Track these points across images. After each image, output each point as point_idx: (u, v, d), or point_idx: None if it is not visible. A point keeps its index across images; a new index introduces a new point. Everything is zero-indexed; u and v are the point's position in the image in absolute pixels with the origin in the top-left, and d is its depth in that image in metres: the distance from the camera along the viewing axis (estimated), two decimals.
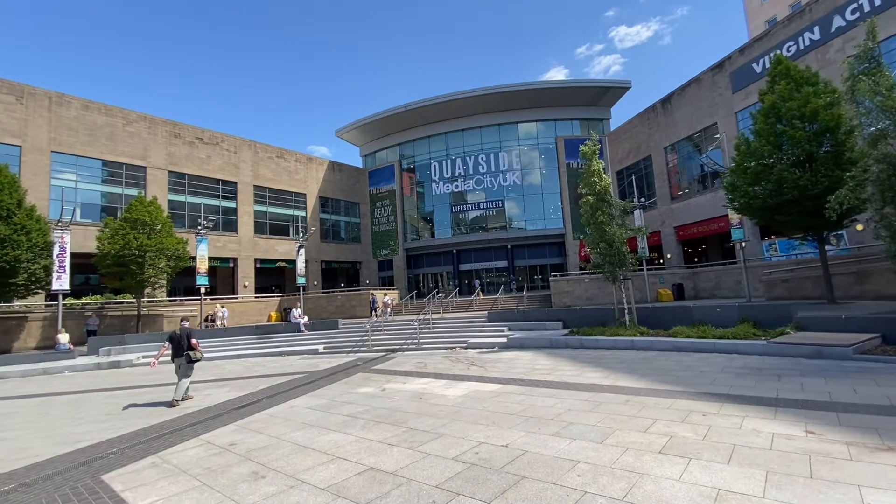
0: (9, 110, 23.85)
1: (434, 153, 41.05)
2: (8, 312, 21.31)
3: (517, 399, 7.50)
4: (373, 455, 5.11)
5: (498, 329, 17.24)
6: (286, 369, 13.63)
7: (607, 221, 14.21)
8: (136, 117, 28.63)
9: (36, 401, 10.72)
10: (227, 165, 32.71)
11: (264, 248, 34.00)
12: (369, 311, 26.90)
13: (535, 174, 38.30)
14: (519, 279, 37.02)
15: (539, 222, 37.63)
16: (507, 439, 5.38)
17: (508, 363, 11.55)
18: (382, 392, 8.90)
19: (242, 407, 8.32)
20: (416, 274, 41.65)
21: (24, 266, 18.59)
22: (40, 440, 6.91)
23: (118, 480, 4.84)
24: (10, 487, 4.88)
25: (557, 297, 24.98)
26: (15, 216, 18.62)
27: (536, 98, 37.72)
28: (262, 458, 5.28)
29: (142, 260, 21.78)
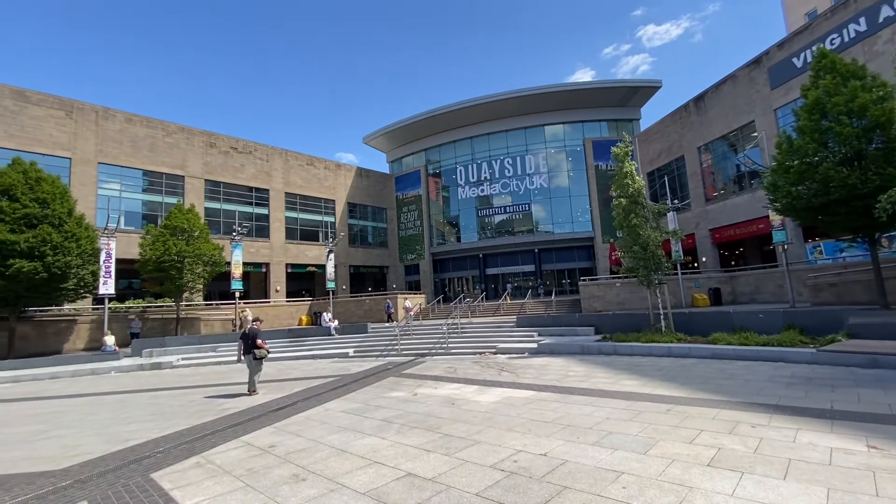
0: (60, 125, 25.35)
1: (460, 157, 41.15)
2: (59, 315, 22.56)
3: (552, 406, 7.36)
4: (410, 460, 5.11)
5: (527, 334, 17.03)
6: (318, 372, 13.84)
7: (641, 224, 13.84)
8: (175, 129, 29.91)
9: (85, 400, 11.26)
10: (260, 174, 33.72)
11: (295, 254, 34.82)
12: (386, 317, 26.93)
13: (563, 176, 37.83)
14: (546, 283, 36.55)
15: (567, 225, 37.10)
16: (546, 448, 5.28)
17: (540, 369, 11.37)
18: (414, 397, 8.91)
19: (279, 409, 8.49)
20: (442, 278, 41.74)
21: (74, 271, 19.65)
22: (91, 438, 7.23)
23: (166, 479, 5.01)
24: (67, 483, 5.12)
25: (587, 302, 24.49)
26: (66, 224, 19.73)
27: (563, 100, 37.32)
28: (302, 460, 5.36)
29: (180, 265, 22.66)
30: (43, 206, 19.28)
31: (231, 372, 15.31)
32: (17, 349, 20.07)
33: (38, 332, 21.77)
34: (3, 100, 23.79)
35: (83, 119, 26.22)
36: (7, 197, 18.72)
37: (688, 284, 23.83)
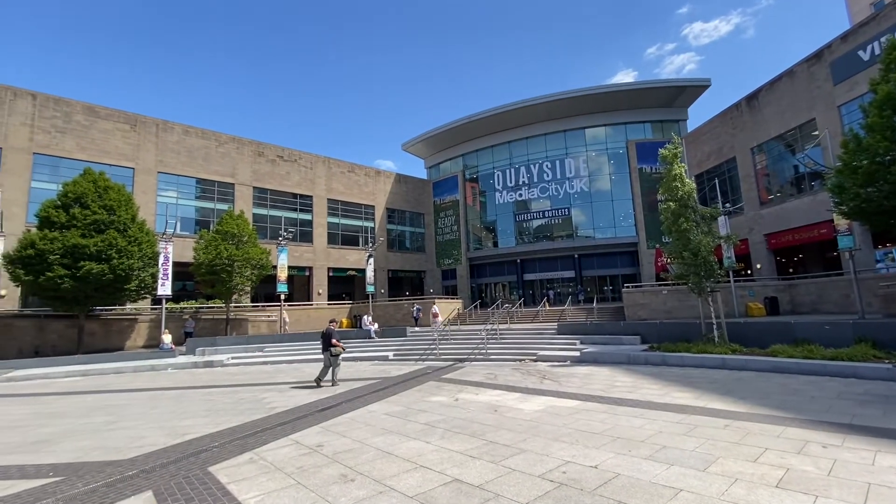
0: (125, 137, 27.35)
1: (497, 162, 41.00)
2: (122, 314, 24.21)
3: (599, 417, 7.13)
4: (456, 466, 5.08)
5: (569, 342, 16.63)
6: (360, 374, 14.09)
7: (691, 229, 13.23)
8: (227, 139, 31.55)
9: (146, 394, 11.98)
10: (304, 181, 34.96)
11: (336, 258, 35.77)
12: (413, 321, 26.93)
13: (604, 180, 36.86)
14: (587, 290, 35.61)
15: (609, 230, 36.07)
16: (596, 459, 5.10)
17: (584, 378, 11.06)
18: (456, 402, 8.88)
19: (325, 409, 8.70)
20: (478, 283, 41.58)
21: (136, 273, 21.05)
22: (153, 431, 7.67)
23: (223, 473, 5.22)
24: (133, 473, 5.44)
25: (631, 310, 23.65)
26: (130, 229, 21.19)
27: (605, 102, 36.43)
28: (349, 461, 5.45)
29: (231, 268, 23.79)
30: (110, 213, 20.81)
31: (277, 372, 15.86)
32: (85, 345, 21.70)
33: (104, 329, 23.44)
34: (75, 115, 25.95)
35: (145, 132, 28.16)
36: (79, 204, 20.35)
37: (741, 293, 22.52)
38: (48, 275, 18.76)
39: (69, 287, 19.09)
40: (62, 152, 25.18)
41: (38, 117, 24.71)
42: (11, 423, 8.71)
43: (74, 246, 19.20)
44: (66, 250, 19.07)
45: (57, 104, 25.48)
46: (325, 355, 12.00)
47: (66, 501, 4.59)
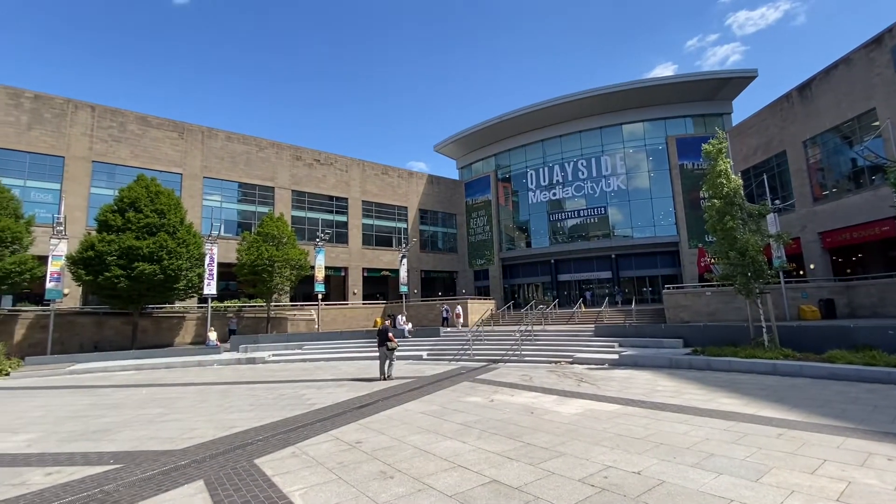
0: (174, 145, 28.88)
1: (530, 161, 40.52)
2: (172, 312, 25.56)
3: (641, 422, 6.91)
4: (493, 467, 5.06)
5: (606, 344, 16.21)
6: (395, 373, 14.24)
7: (738, 227, 12.61)
8: (267, 144, 32.74)
9: (195, 389, 12.59)
10: (340, 183, 35.79)
11: (370, 258, 36.40)
12: (441, 321, 26.78)
13: (643, 177, 35.71)
14: (625, 291, 34.60)
15: (647, 229, 34.90)
16: (639, 465, 4.95)
17: (623, 382, 10.75)
18: (491, 403, 8.85)
19: (362, 407, 8.87)
20: (511, 284, 41.23)
21: (185, 273, 22.17)
22: (203, 423, 8.06)
23: (268, 466, 5.42)
24: (186, 463, 5.74)
25: (672, 312, 22.79)
26: (178, 232, 22.36)
27: (643, 97, 35.29)
28: (388, 458, 5.53)
29: (271, 269, 24.67)
30: (161, 216, 22.04)
31: (316, 369, 16.29)
32: (139, 341, 23.07)
33: (155, 326, 24.83)
34: (129, 125, 27.65)
35: (192, 139, 29.63)
36: (133, 208, 21.66)
37: (793, 294, 21.26)
38: (106, 275, 20.07)
39: (125, 286, 20.35)
40: (118, 160, 26.88)
41: (96, 127, 26.49)
42: (75, 413, 9.37)
43: (129, 248, 20.44)
44: (121, 252, 20.34)
45: (113, 115, 27.23)
46: (382, 350, 12.84)
47: (126, 487, 4.89)
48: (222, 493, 4.60)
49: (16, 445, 6.87)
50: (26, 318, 21.88)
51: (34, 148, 24.52)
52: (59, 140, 25.24)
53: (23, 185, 23.84)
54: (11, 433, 7.71)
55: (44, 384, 14.50)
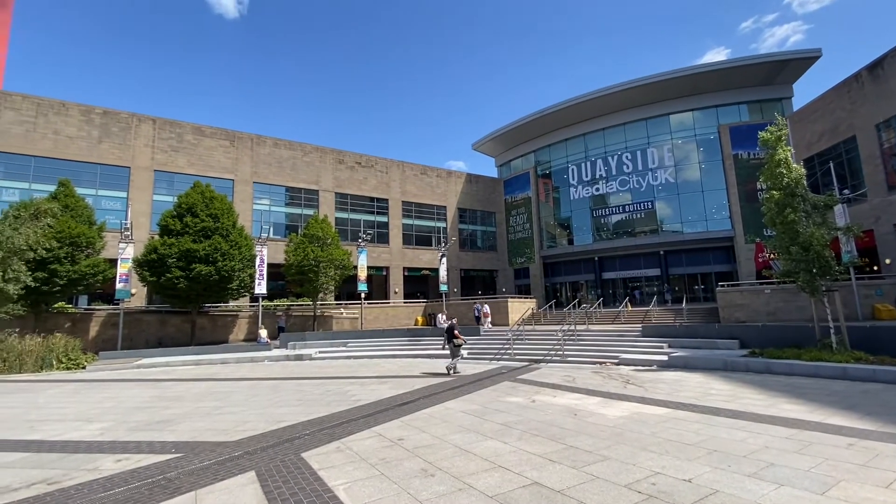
0: (226, 152, 30.50)
1: (572, 156, 39.52)
2: (226, 311, 27.03)
3: (692, 427, 6.58)
4: (535, 469, 4.98)
5: (655, 345, 15.56)
6: (436, 371, 14.36)
7: (800, 220, 11.71)
8: (311, 149, 33.90)
9: (247, 383, 13.26)
10: (380, 185, 36.49)
11: (410, 258, 36.87)
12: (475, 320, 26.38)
13: (693, 169, 33.92)
14: (675, 289, 33.03)
15: (699, 224, 33.12)
16: (689, 473, 4.71)
17: (673, 384, 10.28)
18: (532, 404, 8.72)
19: (403, 404, 9.00)
20: (553, 282, 40.42)
21: (237, 274, 23.37)
22: (254, 416, 8.47)
23: (314, 459, 5.61)
24: (239, 454, 6.05)
25: (727, 311, 21.52)
26: (231, 235, 23.59)
27: (692, 84, 33.50)
28: (429, 456, 5.57)
29: (317, 269, 25.53)
30: (215, 220, 23.34)
31: (359, 367, 16.69)
32: (197, 338, 24.58)
33: (212, 324, 26.36)
34: (186, 135, 29.47)
35: (242, 146, 31.18)
36: (190, 213, 23.07)
37: (866, 292, 19.47)
38: (167, 276, 21.52)
39: (184, 286, 21.73)
40: (176, 168, 28.73)
41: (157, 139, 28.44)
42: (141, 405, 10.11)
43: (187, 250, 21.80)
44: (181, 254, 21.73)
45: (171, 126, 29.13)
46: (449, 346, 13.87)
47: (186, 475, 5.22)
48: (272, 484, 4.81)
49: (90, 433, 7.50)
50: (99, 316, 23.85)
51: (104, 160, 26.67)
52: (125, 152, 27.31)
53: (95, 195, 25.99)
54: (87, 422, 8.43)
55: (115, 377, 15.76)
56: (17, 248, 17.39)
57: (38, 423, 8.47)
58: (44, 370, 17.51)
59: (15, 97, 25.13)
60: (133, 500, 4.52)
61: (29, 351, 17.60)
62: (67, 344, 18.85)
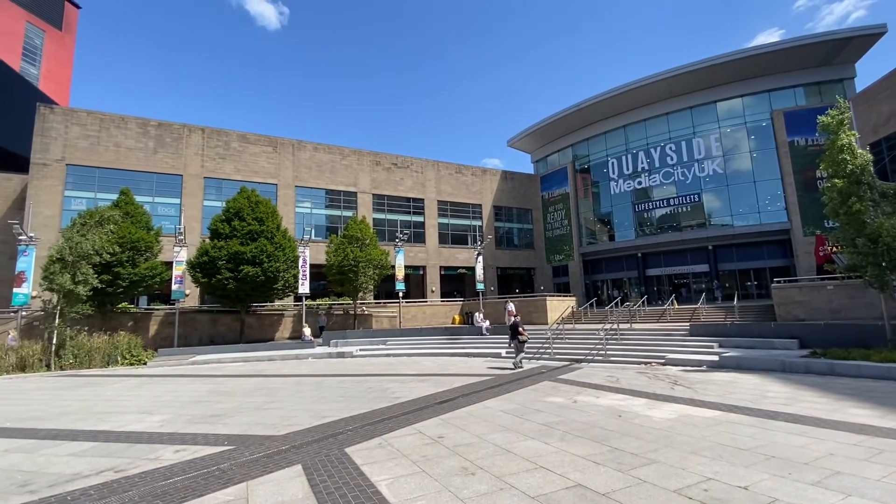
0: (269, 158, 31.75)
1: (611, 149, 38.31)
2: (272, 310, 28.16)
3: (747, 431, 6.22)
4: (578, 471, 4.87)
5: (704, 344, 14.83)
6: (473, 370, 14.35)
7: (867, 210, 10.81)
8: (349, 152, 34.70)
9: (292, 380, 13.74)
10: (416, 185, 36.84)
11: (447, 257, 37.00)
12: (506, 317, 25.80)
13: (743, 159, 32.05)
14: (725, 286, 31.35)
15: (751, 216, 31.26)
16: (745, 479, 4.46)
17: (725, 386, 9.76)
18: (574, 404, 8.53)
19: (443, 402, 9.04)
20: (593, 280, 39.38)
21: (282, 275, 24.28)
22: (299, 412, 8.76)
23: (357, 455, 5.74)
24: (286, 448, 6.27)
25: (784, 309, 20.21)
26: (275, 237, 24.54)
27: (742, 69, 31.62)
28: (469, 454, 5.57)
29: (356, 269, 26.12)
30: (260, 224, 24.36)
31: (399, 364, 16.93)
32: (245, 336, 25.76)
33: (259, 322, 27.54)
34: (232, 143, 30.90)
35: (284, 151, 32.35)
36: (237, 217, 24.19)
37: None
38: (218, 277, 22.67)
39: (233, 287, 22.83)
40: (223, 175, 30.20)
41: (205, 147, 30.01)
42: (196, 399, 10.70)
43: (235, 252, 22.88)
44: (229, 256, 22.84)
45: (219, 135, 30.64)
46: (514, 343, 14.59)
47: (237, 467, 5.48)
48: (317, 478, 4.96)
49: (151, 425, 8.02)
50: (158, 315, 25.47)
51: (159, 169, 28.43)
52: (177, 160, 29.00)
53: (151, 201, 27.76)
54: (148, 414, 9.02)
55: (172, 373, 16.77)
56: (85, 253, 18.86)
57: (105, 414, 9.14)
58: (110, 365, 18.89)
59: (80, 113, 27.25)
60: (191, 488, 4.79)
61: (97, 348, 19.04)
62: (130, 341, 20.25)
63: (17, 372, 17.35)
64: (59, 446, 6.77)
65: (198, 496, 4.56)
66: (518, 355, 14.53)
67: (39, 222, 24.54)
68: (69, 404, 10.50)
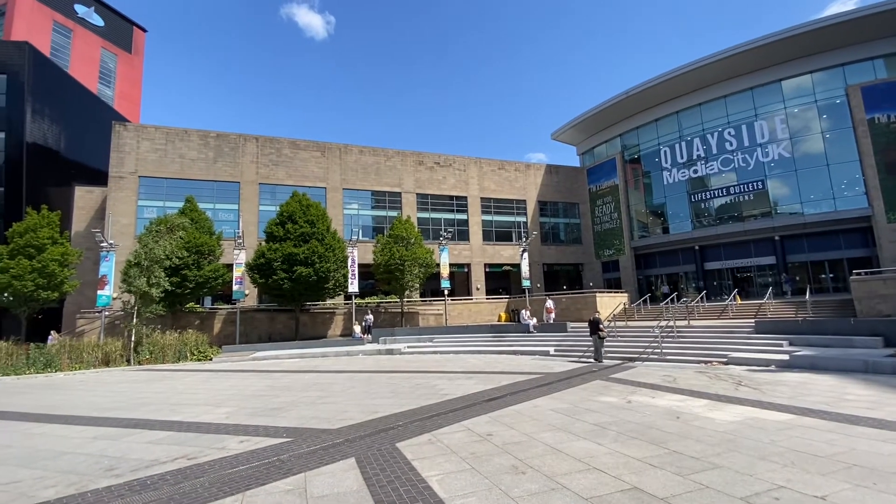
0: (318, 163, 32.95)
1: (663, 138, 36.42)
2: (324, 308, 29.26)
3: (824, 437, 5.73)
4: (634, 473, 4.69)
5: (772, 342, 13.79)
6: (521, 368, 14.19)
7: None
8: (393, 153, 35.33)
9: (344, 375, 14.22)
10: (459, 183, 36.88)
11: (491, 254, 36.77)
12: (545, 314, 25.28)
13: (814, 140, 29.41)
14: (795, 279, 28.98)
15: (823, 203, 28.64)
16: (822, 489, 4.11)
17: (797, 388, 9.03)
18: (628, 404, 8.22)
19: (490, 400, 9.01)
20: (646, 275, 37.65)
21: (332, 274, 25.17)
22: (352, 406, 9.05)
23: (408, 450, 5.85)
24: (340, 441, 6.50)
25: (866, 304, 18.37)
26: (326, 238, 25.46)
27: (811, 42, 28.97)
28: (519, 453, 5.52)
29: (402, 268, 26.58)
30: (312, 226, 25.37)
31: (446, 361, 17.06)
32: (300, 333, 26.94)
33: (312, 320, 28.70)
34: (283, 150, 32.36)
35: (331, 156, 33.46)
36: (290, 220, 25.33)
37: None
38: (274, 278, 23.87)
39: (287, 287, 23.96)
40: (276, 180, 31.71)
41: (259, 155, 31.63)
42: (257, 393, 11.33)
43: (289, 254, 23.98)
44: (284, 258, 23.98)
45: (271, 143, 32.19)
46: (594, 338, 14.99)
47: (296, 458, 5.75)
48: (370, 471, 5.10)
49: (217, 417, 8.58)
50: (221, 314, 27.21)
51: (218, 177, 30.31)
52: (234, 168, 30.78)
53: (213, 208, 29.65)
54: (215, 406, 9.66)
55: (235, 368, 17.87)
56: (158, 257, 20.50)
57: (178, 406, 9.90)
58: (180, 361, 20.43)
59: (149, 129, 29.57)
60: (254, 477, 5.09)
61: (169, 344, 20.67)
62: (197, 339, 21.81)
63: (101, 366, 19.19)
64: (138, 434, 7.42)
65: (261, 484, 4.83)
66: (600, 349, 14.98)
67: (118, 230, 26.90)
68: (147, 396, 11.47)
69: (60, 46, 44.63)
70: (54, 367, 18.31)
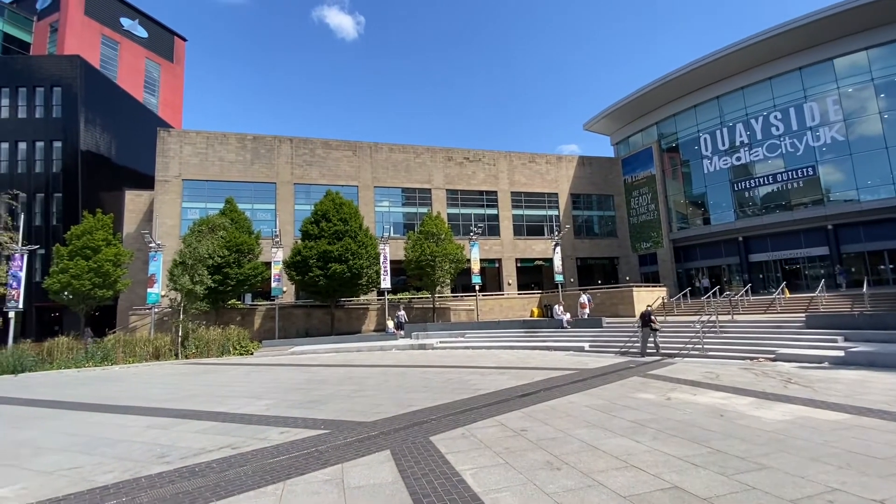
0: (349, 162, 33.54)
1: (703, 124, 34.85)
2: (357, 304, 29.88)
3: (883, 438, 5.37)
4: (675, 472, 4.54)
5: (825, 338, 13.00)
6: (555, 364, 14.00)
7: None
8: (422, 150, 35.49)
9: (378, 370, 14.48)
10: (489, 178, 36.65)
11: (522, 249, 36.39)
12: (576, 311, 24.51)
13: (871, 122, 27.38)
14: (850, 271, 27.19)
15: (882, 189, 26.64)
16: (882, 492, 3.85)
17: (853, 386, 8.49)
18: (667, 401, 7.96)
19: (524, 395, 8.95)
20: (686, 268, 36.28)
21: (365, 271, 25.65)
22: (386, 400, 9.21)
23: (441, 444, 5.90)
24: (375, 434, 6.63)
25: None
26: (358, 236, 25.96)
27: (866, 16, 26.90)
28: (554, 449, 5.46)
29: (433, 264, 26.76)
30: (345, 224, 25.92)
31: (478, 356, 17.06)
32: (335, 329, 27.63)
33: (347, 316, 29.37)
34: (317, 150, 33.12)
35: (362, 154, 33.98)
36: (324, 219, 25.95)
37: None
38: (309, 275, 24.57)
39: (323, 283, 24.60)
40: (310, 180, 32.52)
41: (294, 156, 32.52)
42: (295, 386, 11.71)
43: (324, 251, 24.60)
44: (319, 255, 24.62)
45: (305, 144, 33.02)
46: (644, 331, 14.94)
47: (333, 449, 5.91)
48: (405, 463, 5.18)
49: (258, 409, 8.93)
50: (260, 310, 28.27)
51: (256, 178, 31.40)
52: (270, 170, 31.79)
53: (251, 208, 30.76)
54: (257, 398, 10.06)
55: (274, 362, 18.52)
56: (201, 256, 21.50)
57: (222, 398, 10.38)
58: (223, 355, 21.37)
59: (191, 134, 30.94)
60: (294, 467, 5.27)
61: (213, 339, 21.67)
62: (239, 334, 22.73)
63: (152, 359, 20.36)
64: (187, 424, 7.83)
65: (300, 474, 5.00)
66: (644, 343, 14.95)
67: (164, 231, 28.38)
68: (194, 388, 12.08)
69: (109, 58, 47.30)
70: (110, 360, 19.57)
